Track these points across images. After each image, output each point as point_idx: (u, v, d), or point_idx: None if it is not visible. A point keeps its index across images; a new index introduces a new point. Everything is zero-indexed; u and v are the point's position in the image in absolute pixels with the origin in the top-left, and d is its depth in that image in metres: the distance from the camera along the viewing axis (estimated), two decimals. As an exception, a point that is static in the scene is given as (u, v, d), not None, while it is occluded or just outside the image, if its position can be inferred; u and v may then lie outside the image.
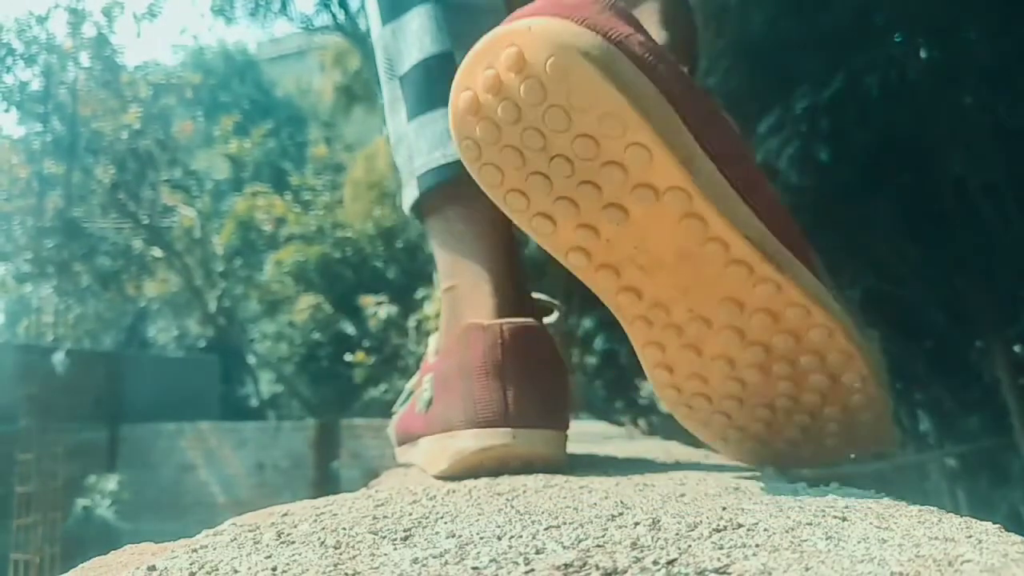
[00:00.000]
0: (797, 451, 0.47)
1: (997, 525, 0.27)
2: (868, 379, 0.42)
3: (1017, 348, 3.24)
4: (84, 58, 8.42)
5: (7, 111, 8.90)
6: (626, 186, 0.37)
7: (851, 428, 0.43)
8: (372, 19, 0.61)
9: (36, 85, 8.54)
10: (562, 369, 0.52)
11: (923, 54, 3.19)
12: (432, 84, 0.56)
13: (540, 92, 0.36)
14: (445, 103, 0.50)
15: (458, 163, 0.50)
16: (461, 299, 0.55)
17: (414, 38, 0.56)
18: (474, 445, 0.48)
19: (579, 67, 0.34)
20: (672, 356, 0.44)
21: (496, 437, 0.47)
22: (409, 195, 0.59)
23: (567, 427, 0.52)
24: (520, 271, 0.58)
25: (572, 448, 0.63)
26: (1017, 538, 0.25)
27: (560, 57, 0.35)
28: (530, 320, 0.51)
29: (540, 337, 0.51)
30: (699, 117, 0.38)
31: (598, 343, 3.52)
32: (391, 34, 0.58)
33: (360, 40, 6.97)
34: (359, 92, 9.24)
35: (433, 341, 0.59)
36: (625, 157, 0.37)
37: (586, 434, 0.89)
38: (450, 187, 0.55)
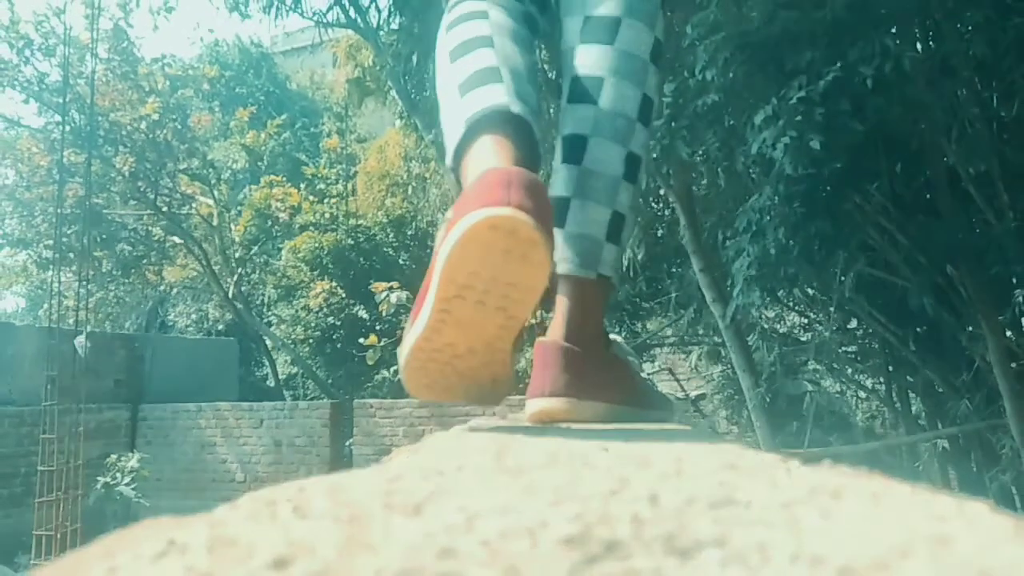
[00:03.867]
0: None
1: (988, 504, 0.28)
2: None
3: (1009, 333, 3.31)
4: (102, 51, 8.53)
5: (27, 102, 9.07)
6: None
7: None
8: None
9: (55, 76, 8.67)
10: (551, 210, 0.68)
11: (918, 46, 3.25)
12: (483, 78, 0.82)
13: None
14: (490, 83, 0.82)
15: (494, 108, 0.79)
16: (476, 172, 0.70)
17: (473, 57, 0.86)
18: (483, 214, 0.61)
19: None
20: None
21: (502, 211, 0.61)
22: (453, 141, 0.80)
23: (552, 247, 0.67)
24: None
25: (573, 426, 0.77)
26: (1008, 517, 0.25)
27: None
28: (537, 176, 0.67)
29: (544, 187, 0.66)
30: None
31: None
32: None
33: (371, 34, 7.05)
34: (371, 85, 9.32)
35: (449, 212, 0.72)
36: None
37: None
38: (488, 123, 0.77)
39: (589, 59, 0.95)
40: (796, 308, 4.02)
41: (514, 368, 0.79)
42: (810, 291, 3.67)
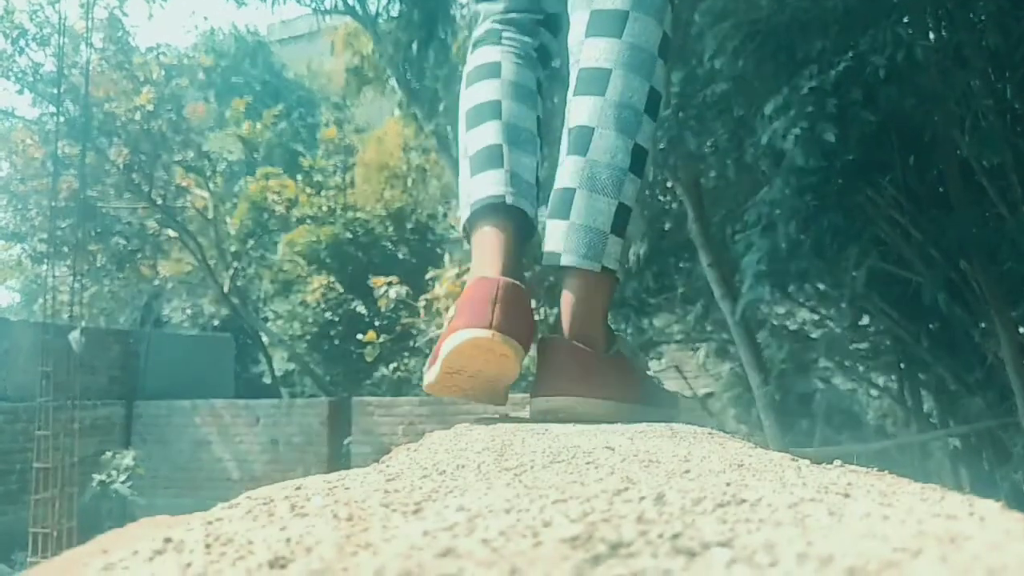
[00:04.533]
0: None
1: (999, 503, 0.27)
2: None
3: (1022, 330, 3.26)
4: (97, 40, 8.45)
5: (21, 93, 8.98)
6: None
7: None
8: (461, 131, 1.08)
9: (49, 67, 8.58)
10: (529, 308, 0.87)
11: (930, 35, 3.19)
12: (487, 159, 1.00)
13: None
14: (492, 168, 0.99)
15: (492, 200, 0.97)
16: (478, 270, 0.93)
17: (481, 142, 1.02)
18: (468, 335, 0.81)
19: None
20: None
21: (482, 333, 0.81)
22: (464, 215, 1.00)
23: (528, 345, 0.86)
24: (517, 265, 0.96)
25: (577, 425, 0.78)
26: (1019, 516, 0.25)
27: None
28: (519, 282, 0.86)
29: (522, 292, 0.86)
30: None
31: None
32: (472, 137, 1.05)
33: (369, 22, 6.97)
34: (369, 74, 9.22)
35: (453, 308, 0.91)
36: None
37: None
38: (488, 213, 0.96)
39: (596, 52, 0.96)
40: (807, 304, 3.98)
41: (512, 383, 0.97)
42: (821, 287, 3.63)
